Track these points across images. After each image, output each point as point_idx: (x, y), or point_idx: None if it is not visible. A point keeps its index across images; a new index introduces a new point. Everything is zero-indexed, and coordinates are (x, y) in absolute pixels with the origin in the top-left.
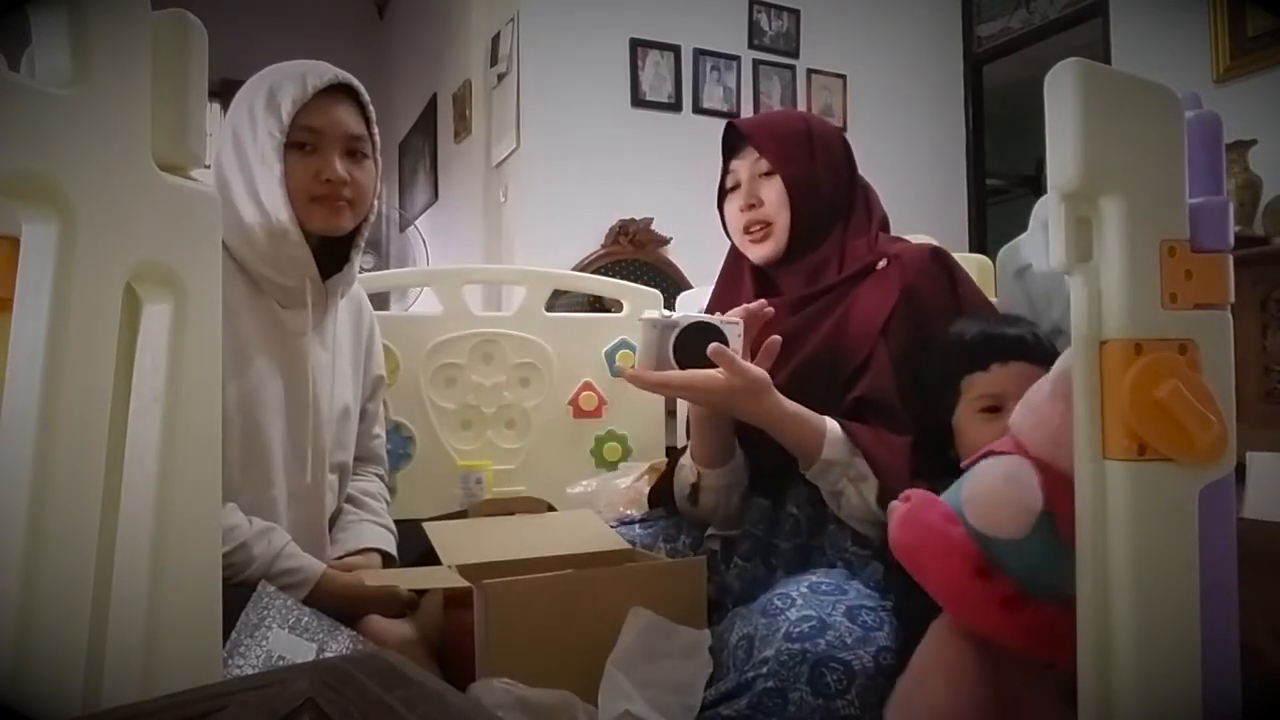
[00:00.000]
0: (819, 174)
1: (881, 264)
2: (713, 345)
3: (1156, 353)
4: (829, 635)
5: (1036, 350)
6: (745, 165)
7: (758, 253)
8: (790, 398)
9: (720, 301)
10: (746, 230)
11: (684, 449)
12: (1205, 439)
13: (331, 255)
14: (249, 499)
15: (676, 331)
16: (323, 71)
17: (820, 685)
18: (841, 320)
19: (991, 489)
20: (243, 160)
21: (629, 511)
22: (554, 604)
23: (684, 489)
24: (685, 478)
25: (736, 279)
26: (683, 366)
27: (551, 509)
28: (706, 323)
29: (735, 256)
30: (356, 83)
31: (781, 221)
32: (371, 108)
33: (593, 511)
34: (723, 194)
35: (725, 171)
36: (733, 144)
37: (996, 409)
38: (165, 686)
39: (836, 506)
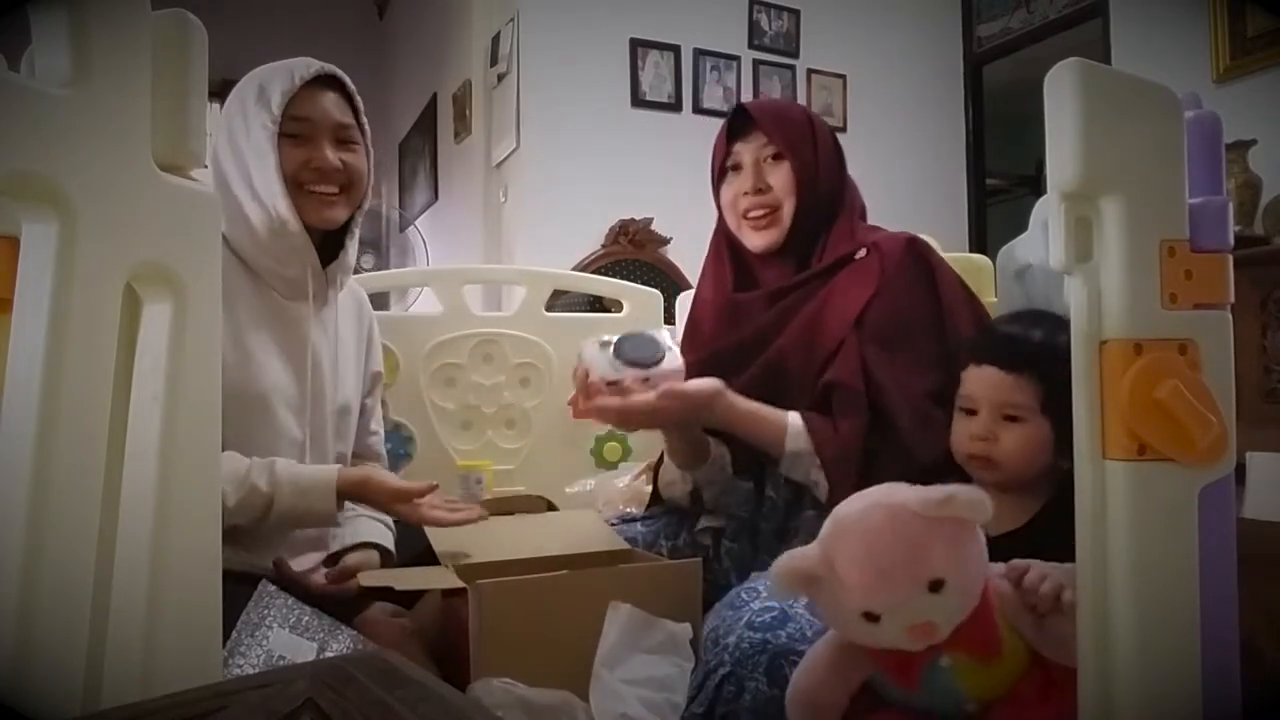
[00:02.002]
0: (820, 165)
1: (861, 253)
2: (665, 389)
3: (1156, 353)
4: (789, 627)
5: (1010, 354)
6: (750, 149)
7: (759, 240)
8: (764, 387)
9: (709, 288)
10: (747, 215)
11: (659, 463)
12: (1205, 439)
13: (329, 245)
14: None
15: (616, 340)
16: (308, 64)
17: (777, 676)
18: (818, 309)
19: (789, 713)
20: (238, 156)
21: (629, 509)
22: (547, 604)
23: (684, 499)
24: (681, 490)
25: (720, 265)
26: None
27: (552, 507)
28: (643, 334)
29: (720, 241)
30: (342, 74)
31: (787, 208)
32: (358, 98)
33: (593, 511)
34: (720, 175)
35: (726, 152)
36: (736, 127)
37: (972, 411)
38: (165, 686)
39: (818, 494)
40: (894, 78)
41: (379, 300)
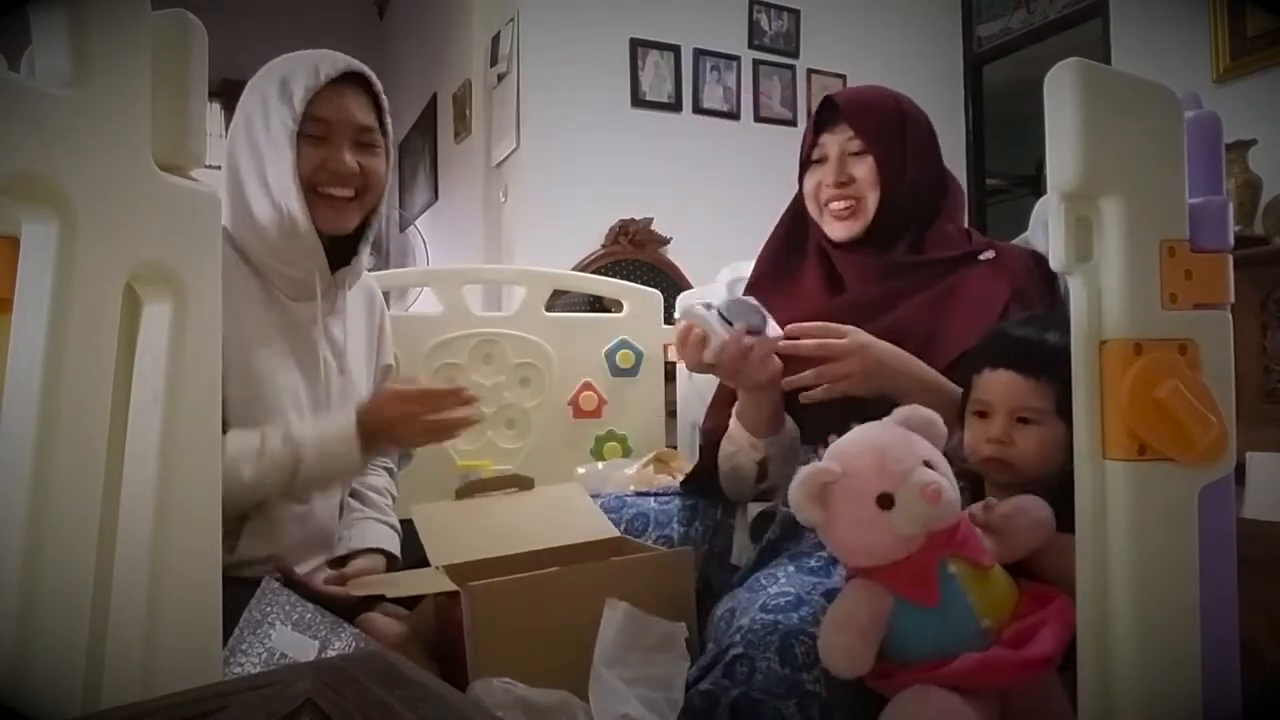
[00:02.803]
0: (909, 157)
1: (988, 254)
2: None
3: (1156, 353)
4: (803, 610)
5: (1027, 359)
6: (836, 141)
7: (841, 230)
8: None
9: (775, 270)
10: (828, 205)
11: (712, 441)
12: (1205, 439)
13: (339, 248)
14: None
15: (720, 304)
16: (335, 60)
17: (788, 656)
18: (946, 298)
19: (822, 644)
20: (254, 150)
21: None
22: (540, 602)
23: (749, 470)
24: (748, 458)
25: (798, 250)
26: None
27: None
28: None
29: (797, 225)
30: (369, 72)
31: (871, 201)
32: (384, 98)
33: (579, 487)
34: (805, 165)
35: (813, 144)
36: (824, 118)
37: (984, 414)
38: (165, 686)
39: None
40: (894, 78)
41: None
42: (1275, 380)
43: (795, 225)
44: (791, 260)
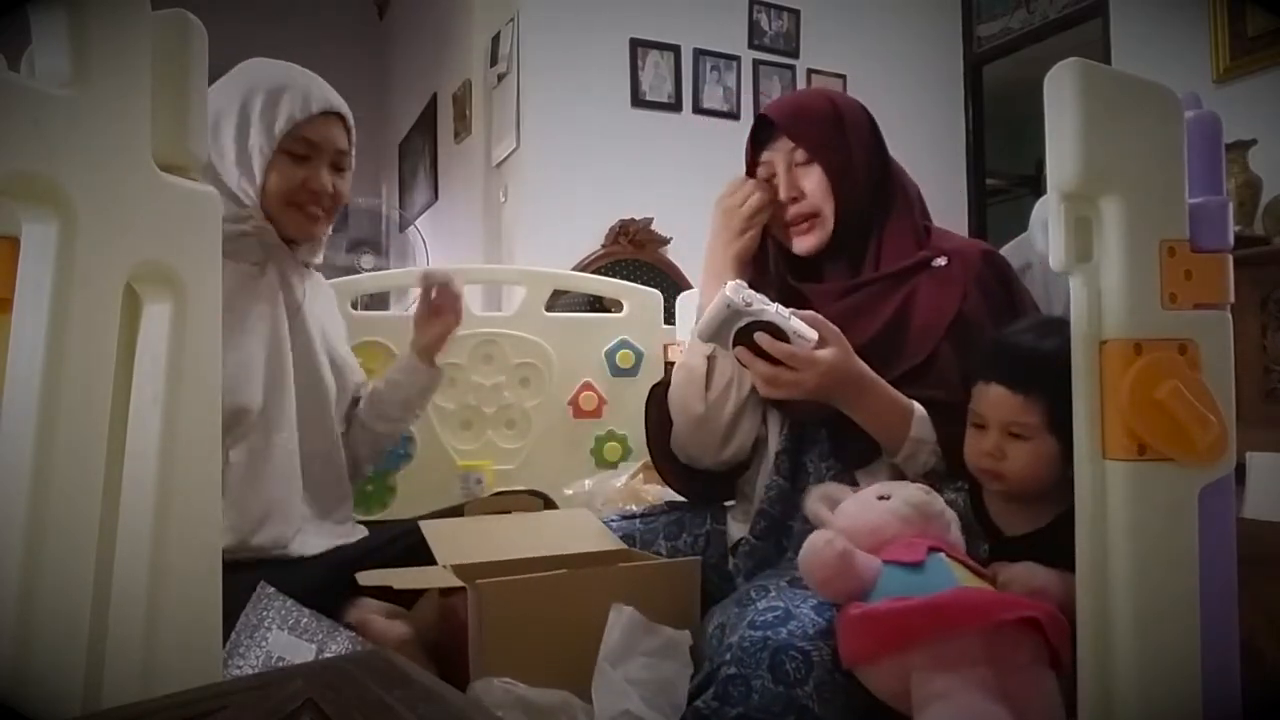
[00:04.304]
0: (854, 156)
1: (940, 261)
2: (785, 348)
3: (1156, 353)
4: (791, 625)
5: (1017, 374)
6: (780, 156)
7: (804, 244)
8: None
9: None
10: (790, 223)
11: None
12: (1205, 439)
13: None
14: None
15: (744, 321)
16: (324, 94)
17: (780, 673)
18: (899, 313)
19: (808, 571)
20: (218, 147)
21: (630, 507)
22: (547, 604)
23: (700, 370)
24: (699, 356)
25: (761, 265)
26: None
27: (549, 502)
28: (776, 326)
29: (759, 248)
30: (346, 110)
31: (827, 211)
32: (354, 130)
33: (589, 511)
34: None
35: (756, 163)
36: (762, 136)
37: (981, 426)
38: (165, 686)
39: (930, 476)
40: (894, 78)
41: (379, 300)
42: (1275, 380)
43: (758, 248)
44: (758, 282)
